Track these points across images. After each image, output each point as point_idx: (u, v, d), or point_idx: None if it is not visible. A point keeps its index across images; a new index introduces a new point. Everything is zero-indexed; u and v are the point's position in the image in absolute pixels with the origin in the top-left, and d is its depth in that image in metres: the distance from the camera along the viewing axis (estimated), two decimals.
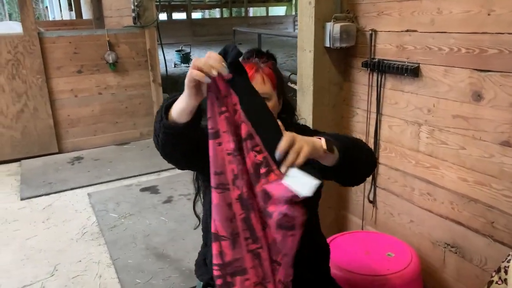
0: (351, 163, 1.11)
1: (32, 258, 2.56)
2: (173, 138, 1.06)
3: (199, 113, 1.03)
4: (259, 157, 0.97)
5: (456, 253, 1.75)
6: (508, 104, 1.45)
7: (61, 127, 4.37)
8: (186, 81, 0.95)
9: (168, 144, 1.09)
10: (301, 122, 1.45)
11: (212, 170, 0.99)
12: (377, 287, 1.62)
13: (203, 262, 1.44)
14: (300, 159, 0.93)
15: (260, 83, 1.23)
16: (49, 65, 4.20)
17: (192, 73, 0.93)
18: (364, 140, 2.00)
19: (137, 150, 4.46)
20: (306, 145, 0.95)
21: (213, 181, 1.00)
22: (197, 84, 0.95)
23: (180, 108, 1.01)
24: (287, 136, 0.95)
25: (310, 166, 0.95)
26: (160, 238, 2.73)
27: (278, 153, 0.94)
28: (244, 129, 0.98)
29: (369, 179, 2.12)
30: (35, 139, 4.24)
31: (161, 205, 3.21)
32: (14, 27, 5.16)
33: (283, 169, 0.93)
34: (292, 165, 0.92)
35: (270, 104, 1.24)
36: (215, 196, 1.00)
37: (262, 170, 0.97)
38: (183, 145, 1.09)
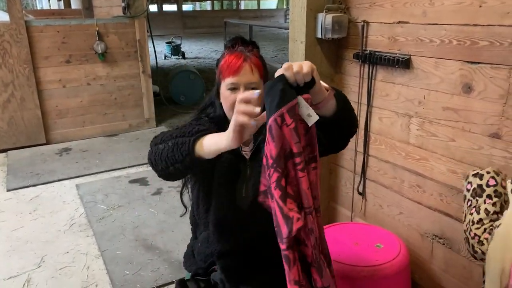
0: (345, 116, 1.13)
1: (19, 249, 2.53)
2: (189, 170, 1.09)
3: None
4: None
5: (444, 244, 1.76)
6: (498, 96, 1.45)
7: (49, 117, 4.31)
8: (232, 126, 0.96)
9: (179, 173, 1.12)
10: None
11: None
12: (365, 278, 1.62)
13: (192, 253, 1.43)
14: (306, 69, 0.93)
15: (249, 73, 1.23)
16: (37, 54, 4.12)
17: (238, 119, 0.95)
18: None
19: (126, 142, 4.41)
20: (304, 63, 0.95)
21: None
22: (242, 129, 0.96)
23: (216, 149, 1.03)
24: (285, 63, 0.96)
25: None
26: (149, 230, 2.72)
27: (278, 72, 0.94)
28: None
29: (359, 170, 2.12)
30: (22, 129, 4.17)
31: (150, 197, 3.19)
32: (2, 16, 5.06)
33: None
34: (300, 77, 0.93)
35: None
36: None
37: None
38: (190, 172, 1.12)
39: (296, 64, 0.95)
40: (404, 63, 1.75)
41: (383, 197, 2.03)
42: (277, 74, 0.97)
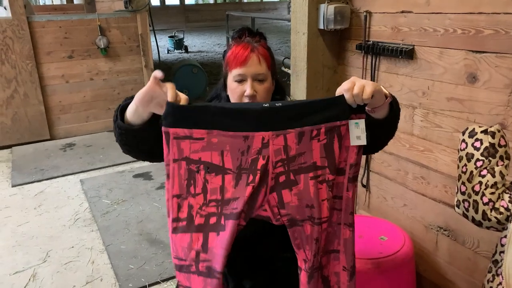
0: (393, 122, 1.12)
1: (24, 244, 2.54)
2: (128, 138, 1.07)
3: (154, 114, 1.02)
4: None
5: (448, 236, 1.75)
6: (503, 85, 1.43)
7: (53, 113, 4.32)
8: (145, 88, 0.96)
9: (125, 143, 1.10)
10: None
11: None
12: (370, 270, 1.61)
13: None
14: (367, 94, 0.94)
15: (256, 64, 1.20)
16: (39, 50, 4.12)
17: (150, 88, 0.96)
18: None
19: None
20: (367, 84, 0.96)
21: None
22: (151, 99, 0.97)
23: (133, 111, 1.02)
24: (348, 80, 0.97)
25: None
26: (153, 224, 2.72)
27: (342, 92, 0.96)
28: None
29: (363, 163, 2.11)
30: (26, 125, 4.19)
31: (154, 191, 3.19)
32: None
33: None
34: (359, 100, 0.95)
35: (265, 85, 1.22)
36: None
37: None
38: (140, 144, 1.09)
39: (358, 86, 0.95)
40: (408, 54, 1.72)
41: (387, 189, 2.02)
42: (338, 94, 0.98)
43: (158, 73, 0.96)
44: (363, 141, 0.97)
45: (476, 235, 1.62)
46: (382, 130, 1.11)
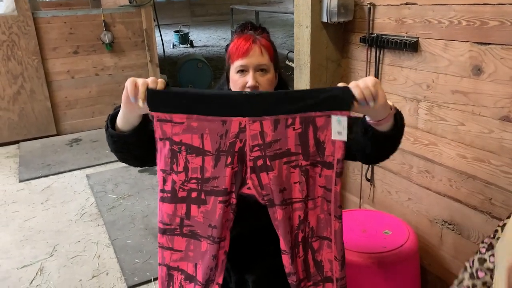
0: (398, 135, 1.12)
1: (31, 239, 2.57)
2: (121, 145, 1.10)
3: (144, 120, 1.07)
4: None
5: (453, 230, 1.74)
6: (508, 78, 1.41)
7: (59, 109, 4.34)
8: (124, 93, 1.00)
9: (119, 150, 1.12)
10: None
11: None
12: (374, 265, 1.61)
13: None
14: (380, 98, 0.98)
15: (258, 55, 1.19)
16: (45, 45, 4.14)
17: (124, 93, 0.99)
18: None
19: None
20: (381, 91, 0.99)
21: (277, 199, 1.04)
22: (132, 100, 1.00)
23: (122, 117, 1.05)
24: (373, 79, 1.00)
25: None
26: None
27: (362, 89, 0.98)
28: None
29: None
30: (33, 121, 4.22)
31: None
32: None
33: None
34: (371, 99, 0.97)
35: (268, 76, 1.21)
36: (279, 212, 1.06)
37: None
38: (133, 151, 1.12)
39: (365, 85, 0.98)
40: (412, 46, 1.70)
41: (392, 183, 2.01)
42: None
43: (131, 79, 1.00)
44: (343, 137, 1.00)
45: (481, 229, 1.61)
46: (385, 144, 1.12)
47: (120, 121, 1.07)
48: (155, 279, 2.18)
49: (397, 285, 1.69)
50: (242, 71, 1.19)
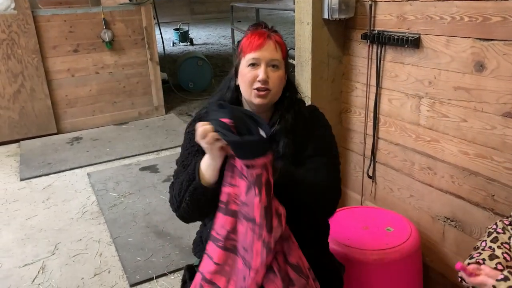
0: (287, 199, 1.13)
1: (33, 237, 2.57)
2: (199, 202, 1.12)
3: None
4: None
5: (455, 227, 1.74)
6: (511, 74, 1.40)
7: (59, 107, 4.34)
8: (205, 148, 1.06)
9: (201, 208, 1.14)
10: (305, 100, 1.41)
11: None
12: (376, 262, 1.61)
13: (200, 240, 1.43)
14: None
15: (272, 49, 1.20)
16: (45, 44, 4.13)
17: (202, 145, 1.05)
18: (362, 131, 1.97)
19: (136, 130, 4.43)
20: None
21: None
22: (211, 147, 1.04)
23: (213, 170, 1.08)
24: None
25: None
26: (160, 217, 2.73)
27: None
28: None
29: (368, 154, 2.09)
30: (33, 119, 4.21)
31: (161, 184, 3.20)
32: None
33: None
34: None
35: (279, 73, 1.21)
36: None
37: None
38: (207, 207, 1.14)
39: None
40: (414, 43, 1.70)
41: (393, 180, 2.00)
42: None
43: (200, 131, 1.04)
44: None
45: (483, 225, 1.61)
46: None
47: (207, 173, 1.09)
48: (157, 276, 2.18)
49: (399, 282, 1.69)
50: (254, 64, 1.19)
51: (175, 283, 2.14)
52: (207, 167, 1.10)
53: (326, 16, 1.95)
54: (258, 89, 1.20)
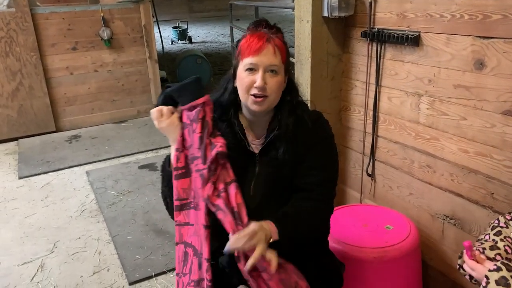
0: (293, 246, 1.17)
1: (32, 235, 2.57)
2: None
3: None
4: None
5: (455, 225, 1.74)
6: (511, 72, 1.40)
7: (58, 105, 4.33)
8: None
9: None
10: (307, 103, 1.37)
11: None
12: (375, 259, 1.61)
13: None
14: (256, 255, 1.05)
15: (271, 54, 1.16)
16: (43, 42, 4.12)
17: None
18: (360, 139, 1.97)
19: (134, 128, 4.42)
20: (261, 244, 1.06)
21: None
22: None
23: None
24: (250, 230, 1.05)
25: None
26: (159, 215, 2.73)
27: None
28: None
29: (368, 152, 2.09)
30: (32, 117, 4.20)
31: (160, 182, 3.19)
32: None
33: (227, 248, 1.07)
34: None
35: (277, 78, 1.17)
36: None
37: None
38: None
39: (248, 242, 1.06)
40: (414, 40, 1.70)
41: (393, 178, 2.00)
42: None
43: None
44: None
45: (483, 223, 1.61)
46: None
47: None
48: (156, 274, 2.18)
49: (399, 279, 1.70)
50: (251, 69, 1.15)
51: (174, 281, 2.14)
52: (173, 152, 1.16)
53: (325, 14, 1.94)
54: (255, 95, 1.17)
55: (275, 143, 1.24)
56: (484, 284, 0.97)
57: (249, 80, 1.16)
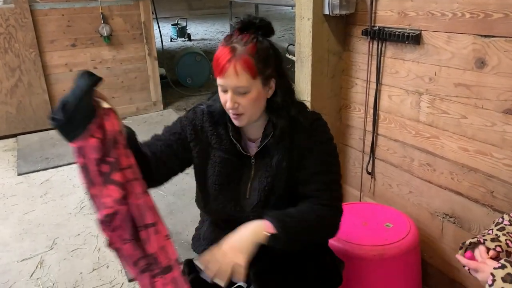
0: (296, 246, 1.17)
1: (31, 232, 2.57)
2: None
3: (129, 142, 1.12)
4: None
5: (454, 223, 1.74)
6: None
7: (57, 102, 4.30)
8: None
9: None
10: (305, 103, 1.33)
11: None
12: (375, 257, 1.61)
13: (199, 236, 1.43)
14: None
15: (233, 76, 1.08)
16: (42, 38, 4.10)
17: None
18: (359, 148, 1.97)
19: (134, 125, 4.35)
20: (237, 265, 1.06)
21: None
22: None
23: None
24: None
25: None
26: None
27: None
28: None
29: (368, 150, 2.10)
30: (31, 114, 4.19)
31: None
32: None
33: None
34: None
35: (249, 96, 1.11)
36: None
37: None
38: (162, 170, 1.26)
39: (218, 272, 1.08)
40: (415, 39, 1.70)
41: (393, 177, 2.01)
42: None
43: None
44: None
45: (483, 222, 1.62)
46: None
47: None
48: None
49: (398, 277, 1.70)
50: (224, 90, 1.13)
51: None
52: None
53: (326, 12, 1.94)
54: (232, 112, 1.15)
55: (270, 150, 1.21)
56: (490, 282, 0.97)
57: (223, 99, 1.14)
